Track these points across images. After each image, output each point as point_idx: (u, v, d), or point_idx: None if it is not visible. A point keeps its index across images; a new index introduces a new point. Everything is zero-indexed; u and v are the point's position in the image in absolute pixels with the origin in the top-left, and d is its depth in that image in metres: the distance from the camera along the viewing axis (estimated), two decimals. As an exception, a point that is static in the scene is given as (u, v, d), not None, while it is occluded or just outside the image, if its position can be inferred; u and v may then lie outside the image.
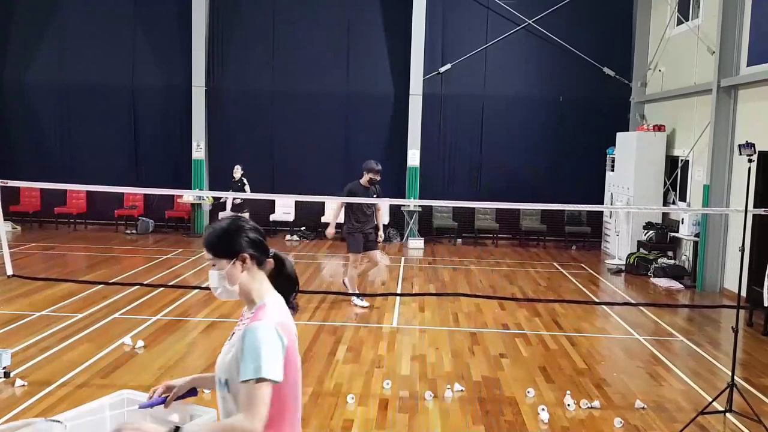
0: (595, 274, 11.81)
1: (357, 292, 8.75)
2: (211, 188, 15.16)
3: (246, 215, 14.02)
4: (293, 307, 2.47)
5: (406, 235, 14.67)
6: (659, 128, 12.71)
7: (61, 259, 11.64)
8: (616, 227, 13.45)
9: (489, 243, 14.88)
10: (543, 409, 5.41)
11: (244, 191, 13.67)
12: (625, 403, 5.74)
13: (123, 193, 15.26)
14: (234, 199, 13.66)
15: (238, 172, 13.76)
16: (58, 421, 2.60)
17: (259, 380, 2.17)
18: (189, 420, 3.94)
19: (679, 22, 12.59)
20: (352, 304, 8.77)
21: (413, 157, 14.67)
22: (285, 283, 2.49)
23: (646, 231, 12.36)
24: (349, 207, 8.58)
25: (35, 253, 12.10)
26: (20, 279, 8.05)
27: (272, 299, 2.37)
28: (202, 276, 10.61)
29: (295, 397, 2.37)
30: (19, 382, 5.70)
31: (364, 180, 8.64)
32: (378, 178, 8.66)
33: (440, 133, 15.12)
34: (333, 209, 8.65)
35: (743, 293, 8.47)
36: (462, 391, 5.88)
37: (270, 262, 2.45)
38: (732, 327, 5.49)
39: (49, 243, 13.21)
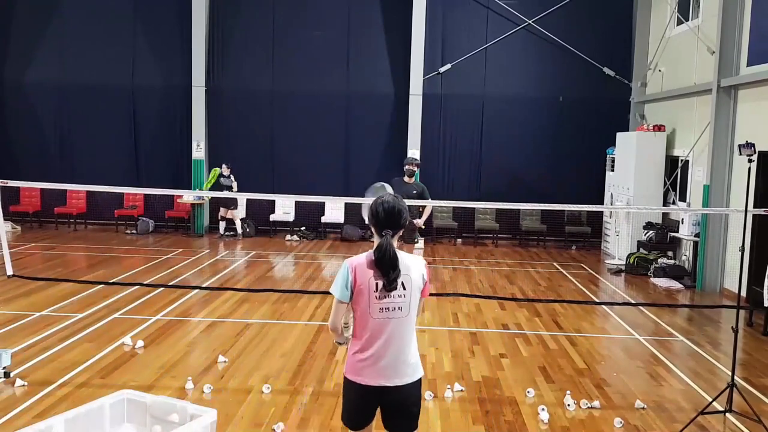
0: (595, 274, 11.81)
1: None
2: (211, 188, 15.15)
3: (235, 212, 14.37)
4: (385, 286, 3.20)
5: (406, 235, 14.66)
6: (659, 128, 12.71)
7: (61, 259, 11.64)
8: (616, 227, 13.45)
9: (489, 243, 14.88)
10: (543, 409, 5.41)
11: (231, 188, 13.90)
12: (625, 403, 5.74)
13: (123, 193, 15.27)
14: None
15: (226, 170, 14.00)
16: None
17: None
18: (189, 420, 3.94)
19: (679, 22, 12.59)
20: None
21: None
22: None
23: (646, 231, 12.36)
24: None
25: (35, 253, 12.10)
26: (20, 279, 8.05)
27: (369, 252, 3.22)
28: (202, 276, 10.62)
29: (363, 317, 3.24)
30: (19, 382, 5.70)
31: (406, 176, 9.03)
32: (413, 169, 9.02)
33: (440, 133, 15.12)
34: None
35: (743, 293, 8.50)
36: (462, 391, 5.88)
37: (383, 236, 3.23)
38: (732, 327, 5.48)
39: (49, 243, 13.21)
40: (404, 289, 3.23)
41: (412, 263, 3.29)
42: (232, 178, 14.04)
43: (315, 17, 15.05)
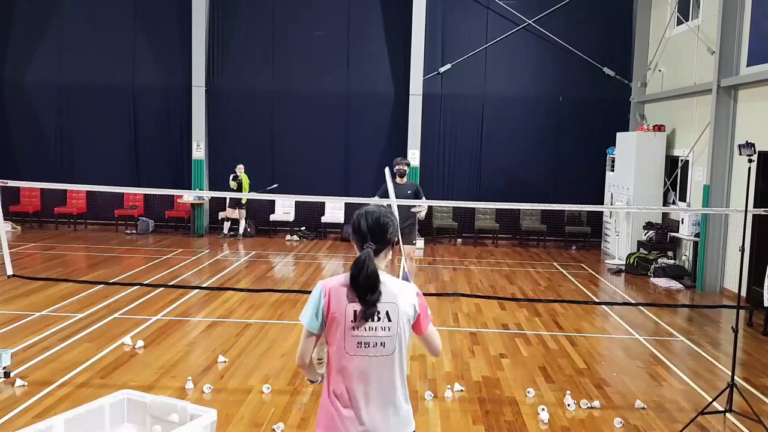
0: (595, 274, 11.81)
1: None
2: (211, 188, 15.15)
3: (243, 212, 14.43)
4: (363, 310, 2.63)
5: (406, 235, 14.66)
6: (659, 128, 12.72)
7: (61, 259, 11.63)
8: (616, 227, 13.45)
9: (489, 243, 14.88)
10: (543, 409, 5.41)
11: (241, 189, 14.00)
12: (625, 403, 5.74)
13: (123, 193, 15.26)
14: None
15: (241, 170, 14.11)
16: None
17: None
18: (189, 420, 3.94)
19: (679, 22, 12.59)
20: None
21: (413, 157, 14.62)
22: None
23: (646, 231, 12.36)
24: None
25: (35, 253, 12.10)
26: (20, 279, 8.04)
27: (349, 272, 2.66)
28: (202, 276, 10.62)
29: (337, 353, 2.64)
30: (19, 382, 5.70)
31: (397, 177, 8.75)
32: (404, 169, 8.82)
33: (440, 133, 15.12)
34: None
35: (743, 293, 8.49)
36: (462, 391, 5.88)
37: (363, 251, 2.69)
38: (732, 327, 5.48)
39: (49, 243, 13.21)
40: (389, 320, 2.63)
41: (400, 290, 2.69)
42: (246, 177, 14.28)
43: (315, 17, 15.05)
